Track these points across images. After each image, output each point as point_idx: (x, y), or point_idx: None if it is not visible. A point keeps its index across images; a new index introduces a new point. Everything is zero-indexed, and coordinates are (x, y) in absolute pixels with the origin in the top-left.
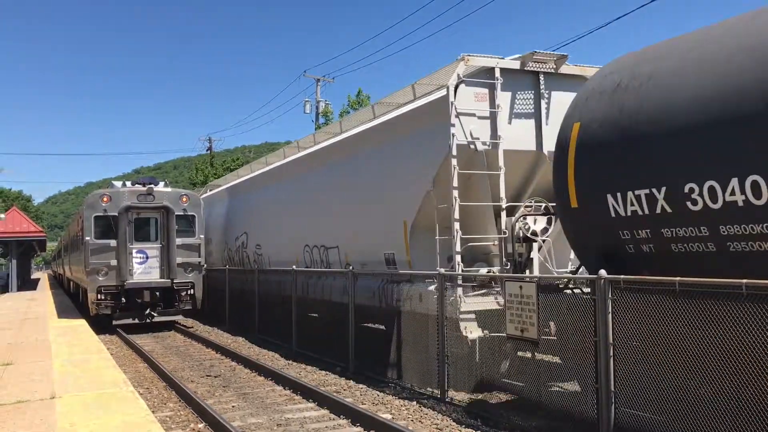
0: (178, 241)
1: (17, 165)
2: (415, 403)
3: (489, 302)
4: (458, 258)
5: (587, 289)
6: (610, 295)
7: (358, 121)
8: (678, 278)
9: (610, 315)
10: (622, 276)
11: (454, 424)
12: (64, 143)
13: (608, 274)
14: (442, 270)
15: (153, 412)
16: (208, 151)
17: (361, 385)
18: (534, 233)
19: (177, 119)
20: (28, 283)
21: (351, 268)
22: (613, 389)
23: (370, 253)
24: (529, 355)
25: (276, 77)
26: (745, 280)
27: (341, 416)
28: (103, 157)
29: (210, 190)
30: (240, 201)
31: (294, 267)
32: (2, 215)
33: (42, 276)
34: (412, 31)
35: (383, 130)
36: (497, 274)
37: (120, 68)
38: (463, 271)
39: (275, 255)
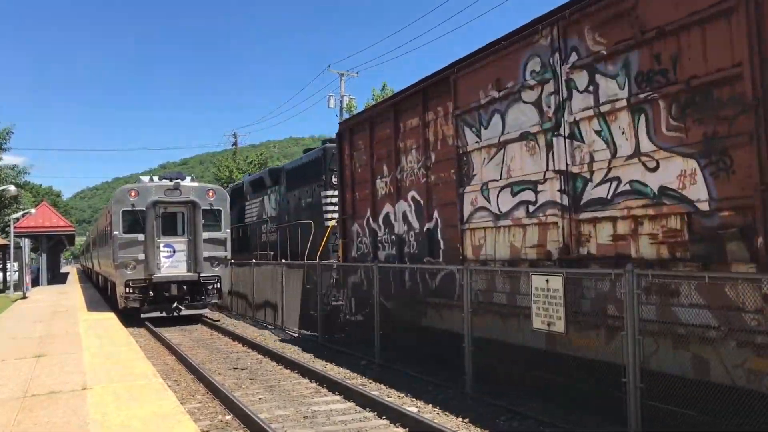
0: (205, 235)
1: (46, 161)
2: (441, 396)
3: None
4: None
5: None
6: (636, 289)
7: None
8: (707, 273)
9: (637, 309)
10: (649, 271)
11: (482, 417)
12: (92, 139)
13: None
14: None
15: (182, 403)
16: (233, 147)
17: (386, 378)
18: None
19: (203, 115)
20: (57, 277)
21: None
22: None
23: None
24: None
25: (301, 72)
26: None
27: (367, 409)
28: (129, 153)
29: None
30: None
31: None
32: (32, 210)
33: (71, 270)
34: (437, 25)
35: None
36: (526, 268)
37: (146, 64)
38: None
39: None
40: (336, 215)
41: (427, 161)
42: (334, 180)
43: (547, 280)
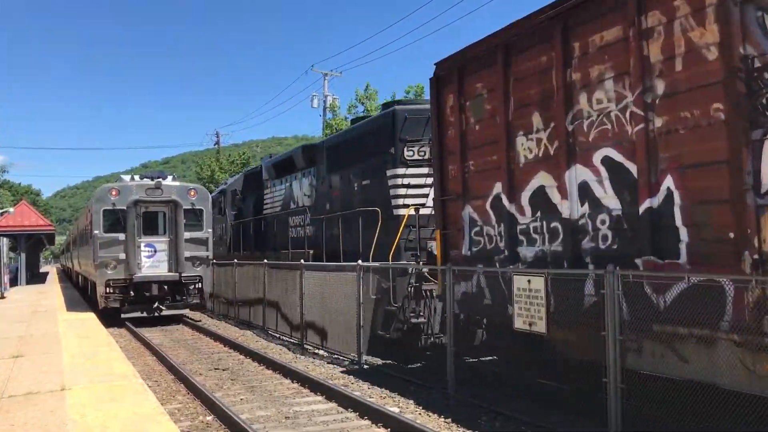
0: (187, 235)
1: (26, 159)
2: (423, 397)
3: None
4: None
5: None
6: (617, 289)
7: None
8: (689, 274)
9: (617, 310)
10: (630, 271)
11: (464, 417)
12: (72, 137)
13: None
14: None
15: (162, 404)
16: (216, 146)
17: (369, 379)
18: None
19: (185, 114)
20: (36, 277)
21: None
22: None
23: None
24: None
25: (284, 72)
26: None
27: (349, 409)
28: (111, 152)
29: None
30: None
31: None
32: (11, 209)
33: (51, 270)
34: (420, 26)
35: None
36: (506, 268)
37: (128, 62)
38: None
39: None
40: (410, 201)
41: (646, 96)
42: (407, 154)
43: (528, 281)
